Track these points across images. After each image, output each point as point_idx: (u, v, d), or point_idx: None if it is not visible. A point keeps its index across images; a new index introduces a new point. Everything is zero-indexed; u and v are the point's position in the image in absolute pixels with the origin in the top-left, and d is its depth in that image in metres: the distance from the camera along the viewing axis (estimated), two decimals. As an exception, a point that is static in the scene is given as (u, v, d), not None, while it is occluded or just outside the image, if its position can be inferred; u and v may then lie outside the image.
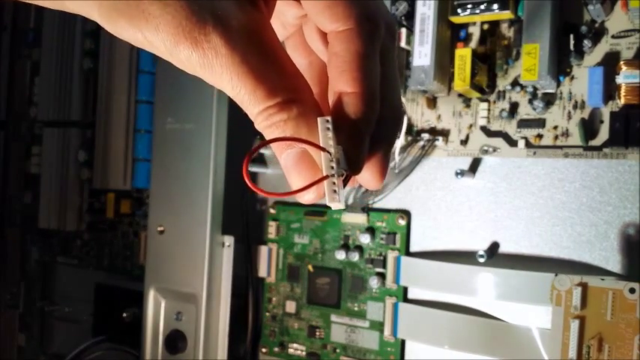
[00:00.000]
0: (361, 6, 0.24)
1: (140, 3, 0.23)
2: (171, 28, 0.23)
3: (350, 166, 0.24)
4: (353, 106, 0.24)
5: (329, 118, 0.24)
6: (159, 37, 0.23)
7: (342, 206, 0.25)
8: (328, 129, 0.24)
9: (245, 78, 0.24)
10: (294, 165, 0.25)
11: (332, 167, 0.24)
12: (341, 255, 0.63)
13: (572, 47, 0.53)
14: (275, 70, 0.24)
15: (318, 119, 0.24)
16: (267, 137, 0.25)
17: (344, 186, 0.25)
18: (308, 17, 0.26)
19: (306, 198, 0.25)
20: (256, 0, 0.25)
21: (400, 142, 0.60)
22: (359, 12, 0.24)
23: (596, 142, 0.53)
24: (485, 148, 0.57)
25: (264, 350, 0.69)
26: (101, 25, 0.24)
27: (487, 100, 0.58)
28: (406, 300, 0.61)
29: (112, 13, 0.24)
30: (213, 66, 0.23)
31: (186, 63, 0.24)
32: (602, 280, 0.49)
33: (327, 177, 0.24)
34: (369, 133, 0.25)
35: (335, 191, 0.24)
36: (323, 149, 0.24)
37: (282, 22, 0.28)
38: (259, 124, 0.25)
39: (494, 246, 0.58)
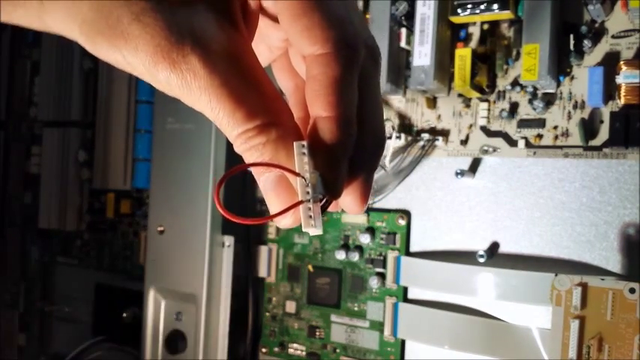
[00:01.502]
0: (340, 30, 0.24)
1: (119, 23, 0.23)
2: (149, 49, 0.23)
3: (327, 191, 0.24)
4: (327, 131, 0.24)
5: (304, 142, 0.24)
6: (138, 58, 0.23)
7: (319, 232, 0.24)
8: (304, 153, 0.24)
9: (224, 100, 0.23)
10: (272, 189, 0.25)
11: (307, 192, 0.24)
12: (341, 255, 0.63)
13: (572, 47, 0.53)
14: (254, 93, 0.24)
15: (294, 143, 0.24)
16: (246, 159, 0.25)
17: (324, 210, 0.25)
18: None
19: (283, 223, 0.25)
20: (237, 21, 0.25)
21: (392, 146, 0.60)
22: (337, 36, 0.24)
23: (596, 142, 0.53)
24: (486, 148, 0.57)
25: (264, 350, 0.69)
26: (82, 46, 0.24)
27: (487, 100, 0.58)
28: (406, 300, 0.61)
29: (92, 33, 0.23)
30: (191, 87, 0.23)
31: (164, 84, 0.24)
32: (602, 280, 0.49)
33: (302, 202, 0.24)
34: (345, 157, 0.25)
35: (310, 217, 0.24)
36: (297, 174, 0.24)
37: (269, 45, 0.28)
38: (238, 147, 0.25)
39: (494, 246, 0.58)
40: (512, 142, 0.56)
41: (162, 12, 0.23)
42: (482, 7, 0.54)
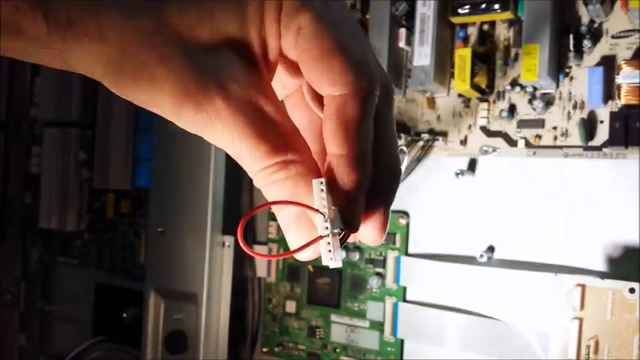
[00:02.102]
0: (359, 72, 0.25)
1: (146, 66, 0.23)
2: (175, 91, 0.24)
3: (346, 226, 0.25)
4: (344, 168, 0.25)
5: (322, 180, 0.25)
6: (163, 99, 0.24)
7: (338, 264, 0.26)
8: (322, 190, 0.25)
9: (247, 138, 0.24)
10: (292, 223, 0.26)
11: (326, 227, 0.25)
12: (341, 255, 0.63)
13: (571, 47, 0.53)
14: (275, 131, 0.25)
15: (313, 181, 0.25)
16: (267, 194, 0.26)
17: (343, 243, 0.26)
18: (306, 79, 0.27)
19: (303, 256, 0.26)
20: (258, 62, 0.26)
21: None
22: (356, 78, 0.25)
23: (595, 142, 0.53)
24: (485, 148, 0.57)
25: (264, 350, 0.69)
26: (106, 86, 0.25)
27: (487, 101, 0.58)
28: (406, 300, 0.61)
29: (117, 75, 0.24)
30: (215, 127, 0.24)
31: (189, 124, 0.25)
32: (602, 280, 0.49)
33: (321, 237, 0.25)
34: (362, 193, 0.25)
35: (330, 250, 0.25)
36: (317, 211, 0.25)
37: (283, 82, 0.29)
38: (259, 182, 0.25)
39: (494, 246, 0.58)
40: (512, 142, 0.56)
41: (187, 56, 0.24)
42: (482, 7, 0.54)
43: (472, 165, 0.59)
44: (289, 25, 0.25)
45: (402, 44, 0.59)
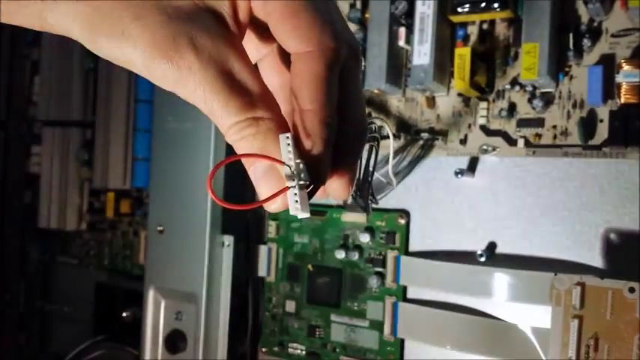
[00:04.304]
0: (324, 30, 0.27)
1: (120, 22, 0.25)
2: (147, 46, 0.25)
3: (312, 178, 0.26)
4: (310, 122, 0.26)
5: (289, 134, 0.26)
6: (136, 54, 0.25)
7: (306, 215, 0.26)
8: (289, 144, 0.26)
9: (218, 94, 0.25)
10: (262, 177, 0.27)
11: (293, 180, 0.26)
12: (341, 254, 0.63)
13: (571, 46, 0.53)
14: (246, 88, 0.26)
15: (280, 135, 0.26)
16: (237, 149, 0.27)
17: (311, 196, 0.27)
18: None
19: (273, 207, 0.27)
20: (228, 22, 0.27)
21: (392, 147, 0.60)
22: (321, 36, 0.26)
23: (595, 141, 0.53)
24: (485, 147, 0.57)
25: (264, 350, 0.69)
26: (82, 43, 0.26)
27: (486, 100, 0.58)
28: (406, 299, 0.61)
29: (92, 31, 0.25)
30: (187, 82, 0.25)
31: (161, 79, 0.26)
32: (602, 279, 0.49)
33: (288, 188, 0.26)
34: (327, 146, 0.27)
35: (297, 201, 0.26)
36: (283, 163, 0.26)
37: (256, 45, 0.30)
38: (230, 137, 0.27)
39: (494, 246, 0.58)
40: (512, 142, 0.56)
41: (161, 14, 0.25)
42: (482, 5, 0.54)
43: (472, 164, 0.59)
44: None
45: (401, 43, 0.59)
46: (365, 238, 0.62)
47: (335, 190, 0.28)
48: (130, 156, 0.76)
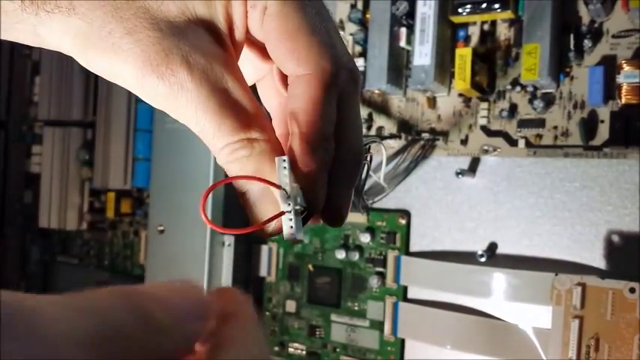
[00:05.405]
0: (322, 52, 0.26)
1: (111, 37, 0.24)
2: (139, 62, 0.24)
3: (307, 203, 0.26)
4: (304, 146, 0.25)
5: (285, 157, 0.25)
6: (127, 70, 0.24)
7: (300, 240, 0.26)
8: (285, 168, 0.25)
9: (210, 113, 0.25)
10: (257, 200, 0.27)
11: (288, 204, 0.25)
12: (341, 254, 0.63)
13: (572, 47, 0.53)
14: (239, 108, 0.25)
15: (276, 158, 0.25)
16: (230, 172, 0.26)
17: (305, 222, 0.26)
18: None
19: (270, 231, 0.27)
20: (225, 40, 0.26)
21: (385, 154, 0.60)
22: (319, 58, 0.26)
23: (596, 141, 0.53)
24: (486, 147, 0.57)
25: (264, 350, 0.69)
26: (75, 58, 0.25)
27: (487, 100, 0.58)
28: (406, 299, 0.61)
29: (84, 46, 0.25)
30: (178, 99, 0.24)
31: (152, 96, 0.25)
32: (602, 279, 0.49)
33: (283, 213, 0.25)
34: (323, 171, 0.26)
35: (292, 227, 0.25)
36: (278, 187, 0.25)
37: (254, 65, 0.29)
38: (222, 159, 0.26)
39: (494, 246, 0.58)
40: (513, 142, 0.56)
41: (154, 29, 0.24)
42: (483, 6, 0.54)
43: (472, 165, 0.59)
44: (255, 5, 0.26)
45: (402, 43, 0.59)
46: (365, 238, 0.62)
47: (328, 217, 0.27)
48: (130, 156, 0.76)
